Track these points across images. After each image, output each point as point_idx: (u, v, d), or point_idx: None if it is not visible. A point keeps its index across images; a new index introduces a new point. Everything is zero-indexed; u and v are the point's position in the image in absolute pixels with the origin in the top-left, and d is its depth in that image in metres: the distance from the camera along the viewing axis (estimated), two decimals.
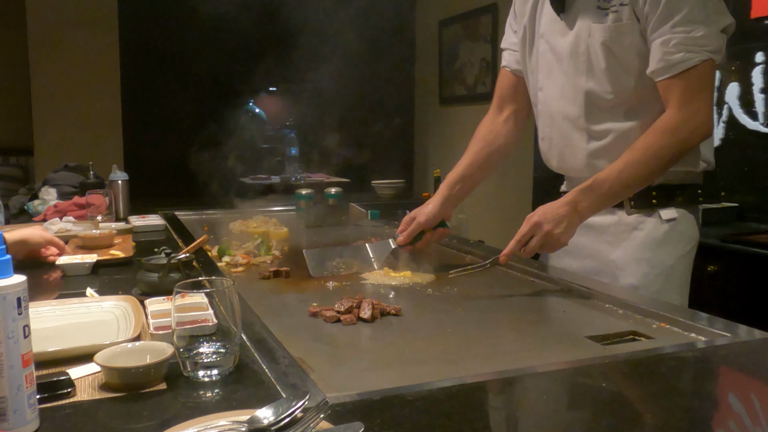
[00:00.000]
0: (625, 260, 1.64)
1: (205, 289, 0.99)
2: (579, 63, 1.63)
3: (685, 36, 1.46)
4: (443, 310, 1.42)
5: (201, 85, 4.83)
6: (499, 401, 0.93)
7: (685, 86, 1.49)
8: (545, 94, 1.75)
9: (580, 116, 1.66)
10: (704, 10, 1.47)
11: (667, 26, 1.48)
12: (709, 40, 1.47)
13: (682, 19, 1.46)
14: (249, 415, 0.74)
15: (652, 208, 1.63)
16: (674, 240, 1.63)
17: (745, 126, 2.89)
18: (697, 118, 1.50)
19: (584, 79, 1.63)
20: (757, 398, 0.94)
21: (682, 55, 1.47)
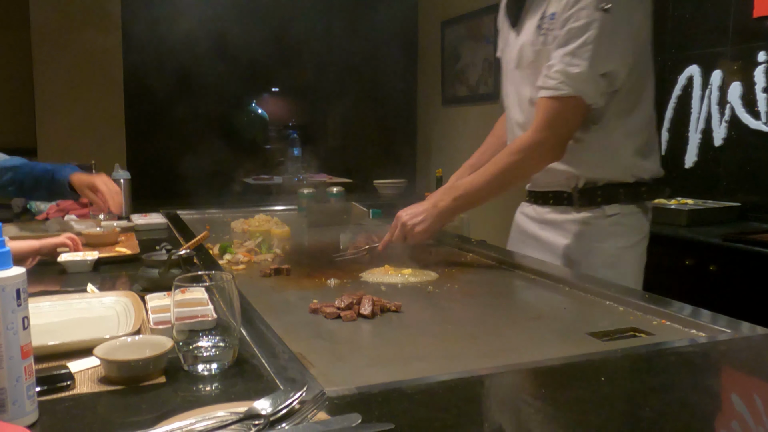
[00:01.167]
0: (576, 252, 1.80)
1: (204, 283, 0.99)
2: (525, 74, 1.80)
3: (564, 67, 1.62)
4: (444, 307, 1.43)
5: (204, 85, 4.83)
6: (498, 395, 0.93)
7: (546, 108, 1.67)
8: (506, 101, 1.94)
9: (526, 122, 1.80)
10: (592, 51, 1.60)
11: (558, 52, 1.64)
12: (582, 79, 1.61)
13: (569, 51, 1.62)
14: (247, 407, 0.74)
15: (598, 205, 1.78)
16: (618, 233, 1.78)
17: (748, 125, 2.89)
18: (547, 144, 1.68)
19: (528, 89, 1.79)
20: (757, 394, 0.94)
21: (555, 83, 1.64)
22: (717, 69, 3.02)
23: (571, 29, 1.62)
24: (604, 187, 1.78)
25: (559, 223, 1.85)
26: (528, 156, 1.70)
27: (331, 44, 5.09)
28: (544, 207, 1.89)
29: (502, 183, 1.74)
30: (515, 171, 1.73)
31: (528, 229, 1.96)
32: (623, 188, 1.78)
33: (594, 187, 1.78)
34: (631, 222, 1.79)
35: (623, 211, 1.77)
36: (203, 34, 4.73)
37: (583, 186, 1.79)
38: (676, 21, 3.24)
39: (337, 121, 5.34)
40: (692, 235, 2.61)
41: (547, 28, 1.69)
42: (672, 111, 3.25)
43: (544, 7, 1.72)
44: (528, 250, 1.92)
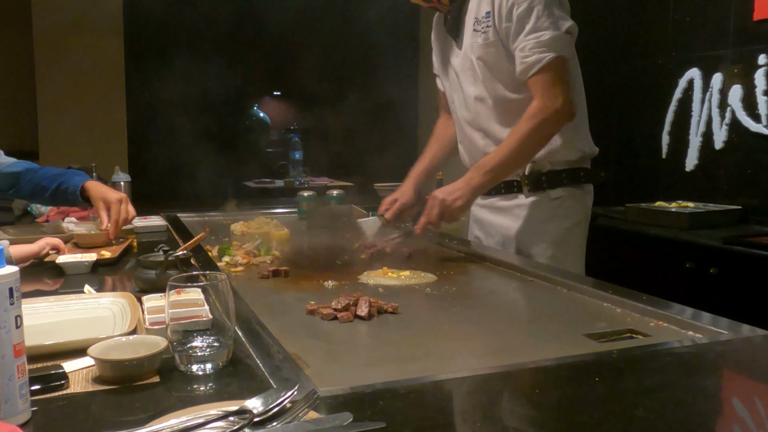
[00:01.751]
0: (523, 234, 1.98)
1: (198, 283, 0.99)
2: (468, 75, 1.99)
3: (536, 41, 1.79)
4: (441, 308, 1.42)
5: (206, 88, 4.84)
6: (492, 395, 0.93)
7: (542, 80, 1.80)
8: (454, 105, 2.12)
9: (474, 119, 2.02)
10: (548, 18, 1.79)
11: (521, 36, 1.81)
12: (555, 41, 1.78)
13: (531, 28, 1.79)
14: (238, 406, 0.74)
15: (544, 189, 1.95)
16: (562, 214, 1.96)
17: (748, 128, 2.89)
18: (554, 103, 1.79)
19: (472, 89, 1.99)
20: (755, 395, 0.93)
21: (535, 57, 1.79)
22: (717, 72, 3.02)
23: (519, 15, 1.80)
24: (548, 173, 1.95)
25: (508, 209, 2.02)
26: (544, 119, 1.80)
27: (332, 48, 5.10)
28: (496, 196, 2.06)
29: (526, 150, 1.85)
30: (535, 136, 1.83)
31: (482, 218, 2.13)
32: (565, 173, 1.96)
33: (539, 173, 1.95)
34: (573, 204, 1.97)
35: (566, 194, 1.95)
36: (204, 37, 4.74)
37: (530, 173, 1.95)
38: (677, 24, 3.24)
39: (338, 124, 5.35)
40: (693, 238, 2.61)
41: (485, 26, 1.89)
42: (673, 114, 3.25)
43: (475, 12, 1.93)
44: (483, 237, 2.14)
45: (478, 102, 1.99)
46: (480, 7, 1.91)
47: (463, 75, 2.01)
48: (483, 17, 1.90)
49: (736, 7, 2.94)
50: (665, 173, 3.29)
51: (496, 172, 1.86)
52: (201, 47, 4.80)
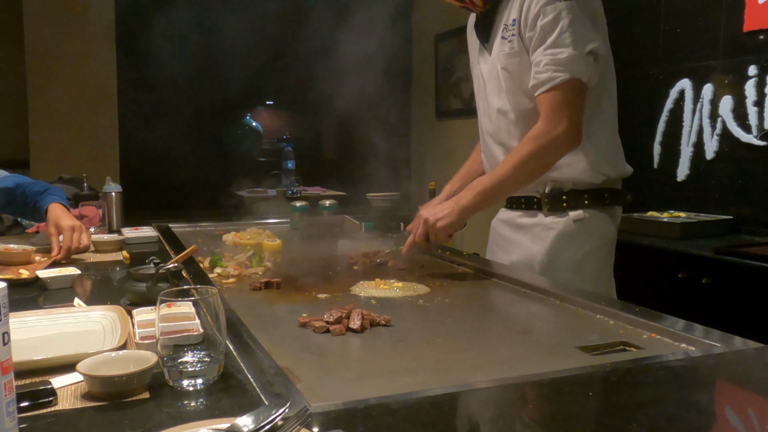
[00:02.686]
0: (541, 255, 1.85)
1: (188, 297, 0.98)
2: (493, 85, 1.90)
3: (552, 57, 1.69)
4: (433, 321, 1.42)
5: (198, 98, 4.84)
6: (486, 410, 0.92)
7: (550, 101, 1.71)
8: (479, 113, 2.03)
9: (496, 132, 1.92)
10: (572, 35, 1.68)
11: (540, 49, 1.71)
12: (572, 61, 1.68)
13: (551, 43, 1.69)
14: (229, 423, 0.73)
15: (564, 210, 1.84)
16: (582, 237, 1.83)
17: (739, 139, 2.90)
18: (557, 129, 1.70)
19: (496, 100, 1.89)
20: (748, 408, 0.93)
21: (548, 75, 1.69)
22: (708, 82, 3.04)
23: (543, 26, 1.70)
24: (569, 192, 1.84)
25: (528, 227, 1.92)
26: (544, 144, 1.72)
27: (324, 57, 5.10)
28: (517, 211, 1.96)
29: (523, 175, 1.77)
30: (534, 161, 1.74)
31: (502, 233, 2.03)
32: (588, 193, 1.84)
33: (560, 191, 1.84)
34: (594, 227, 1.84)
35: (587, 216, 1.82)
36: (197, 47, 4.74)
37: (550, 191, 1.85)
38: (668, 35, 3.26)
39: (331, 134, 5.35)
40: (685, 248, 2.62)
41: (511, 34, 1.79)
42: (664, 124, 3.26)
43: (504, 18, 1.82)
44: (501, 254, 2.01)
45: (501, 115, 1.88)
46: (510, 14, 1.80)
47: (489, 84, 1.92)
48: (510, 24, 1.79)
49: (726, 18, 2.96)
50: (657, 183, 3.30)
51: (487, 194, 1.78)
52: (194, 57, 4.80)
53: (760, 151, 2.83)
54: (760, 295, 2.30)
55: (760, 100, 2.81)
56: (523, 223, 1.93)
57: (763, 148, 2.81)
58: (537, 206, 1.89)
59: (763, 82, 2.80)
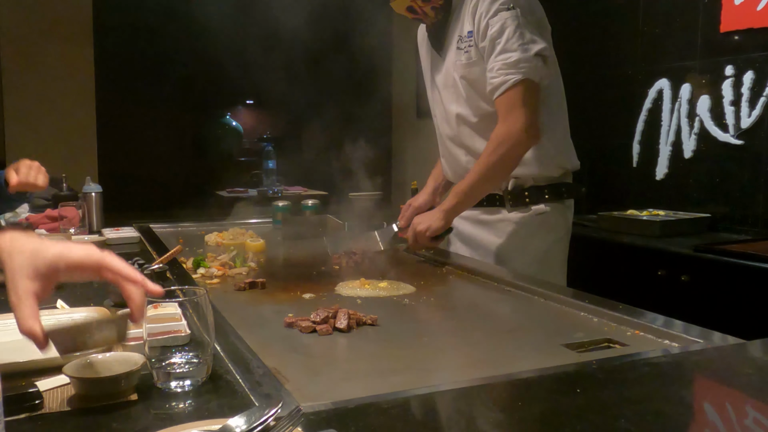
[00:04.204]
0: (508, 249, 1.98)
1: (176, 298, 0.98)
2: (450, 93, 2.00)
3: (503, 62, 1.80)
4: (420, 320, 1.42)
5: (177, 98, 4.80)
6: (474, 408, 0.93)
7: (505, 103, 1.82)
8: (436, 119, 2.14)
9: (456, 135, 2.03)
10: (518, 39, 1.79)
11: (491, 57, 1.83)
12: (522, 62, 1.79)
13: (501, 49, 1.81)
14: (221, 424, 0.73)
15: (527, 205, 1.97)
16: (546, 229, 1.98)
17: (716, 138, 2.94)
18: (516, 126, 1.81)
19: (454, 106, 2.00)
20: (729, 403, 0.95)
21: (501, 79, 1.81)
22: (686, 82, 3.08)
23: (491, 35, 1.81)
24: (530, 188, 1.97)
25: (491, 223, 2.03)
26: (507, 144, 1.82)
27: (305, 56, 5.09)
28: (478, 209, 2.04)
29: (493, 173, 1.88)
30: (501, 160, 1.85)
31: (464, 231, 2.13)
32: (548, 188, 1.98)
33: (521, 188, 1.97)
34: (555, 219, 1.99)
35: (549, 209, 1.97)
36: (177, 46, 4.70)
37: (513, 188, 1.97)
38: (646, 36, 3.29)
39: (312, 133, 5.33)
40: (664, 246, 2.65)
41: (468, 45, 1.90)
42: (643, 124, 3.30)
43: (458, 30, 1.94)
44: (464, 249, 2.13)
45: (461, 120, 1.99)
46: (463, 26, 1.92)
47: (445, 92, 2.03)
48: (466, 36, 1.90)
49: (703, 19, 3.01)
50: (636, 182, 3.34)
51: (466, 195, 1.90)
52: (173, 56, 4.76)
53: (737, 149, 2.87)
54: (738, 291, 2.34)
55: (737, 99, 2.85)
56: (485, 219, 2.05)
57: (739, 147, 2.86)
58: (500, 203, 2.01)
59: (739, 82, 2.84)
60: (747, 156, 2.84)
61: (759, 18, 2.75)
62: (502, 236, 2.00)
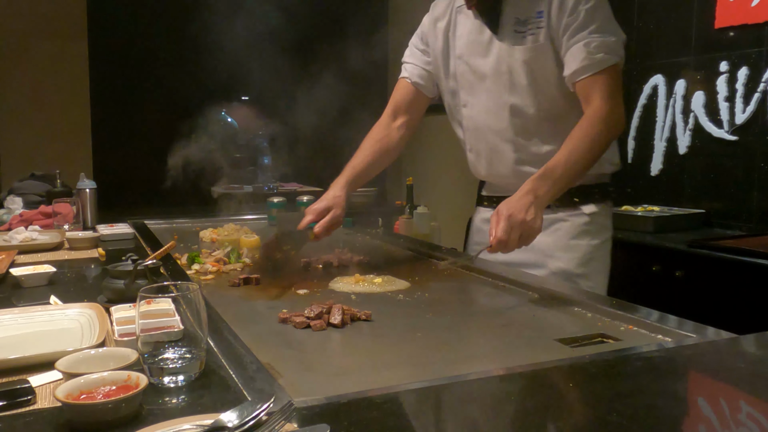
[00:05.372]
0: (554, 248, 1.84)
1: (169, 294, 0.97)
2: (502, 81, 1.82)
3: (603, 40, 1.69)
4: (414, 315, 1.42)
5: (172, 93, 4.79)
6: (467, 403, 0.93)
7: (607, 81, 1.69)
8: (470, 110, 1.93)
9: (507, 128, 1.85)
10: (612, 23, 1.72)
11: (585, 32, 1.69)
12: (618, 47, 1.71)
13: (597, 28, 1.69)
14: (213, 419, 0.73)
15: (575, 205, 1.85)
16: (593, 231, 1.86)
17: (711, 134, 2.95)
18: (618, 110, 1.71)
19: (507, 95, 1.82)
20: (722, 397, 0.95)
21: (602, 56, 1.68)
22: (681, 78, 3.08)
23: (588, 9, 1.69)
24: (578, 188, 1.81)
25: None
26: (607, 125, 1.69)
27: (301, 52, 5.09)
28: None
29: (595, 155, 1.70)
30: (603, 141, 1.70)
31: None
32: (597, 188, 1.87)
33: (569, 189, 1.74)
34: (602, 221, 1.88)
35: (597, 210, 1.86)
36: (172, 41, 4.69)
37: None
38: (641, 32, 3.30)
39: (307, 129, 5.32)
40: (658, 241, 2.66)
41: (536, 27, 1.74)
42: (638, 119, 3.30)
43: (514, 12, 1.77)
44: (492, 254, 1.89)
45: (515, 111, 1.82)
46: (527, 6, 1.76)
47: (494, 79, 1.83)
48: (534, 16, 1.74)
49: (698, 15, 3.01)
50: (631, 178, 3.34)
51: (564, 180, 1.66)
52: (167, 52, 4.74)
53: (731, 145, 2.88)
54: (732, 286, 2.35)
55: (731, 95, 2.86)
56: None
57: (734, 142, 2.86)
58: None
59: (734, 78, 2.85)
60: (741, 152, 2.85)
61: (753, 14, 2.76)
62: (547, 235, 1.80)
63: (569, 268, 1.81)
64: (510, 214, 1.54)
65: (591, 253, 1.85)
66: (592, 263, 1.85)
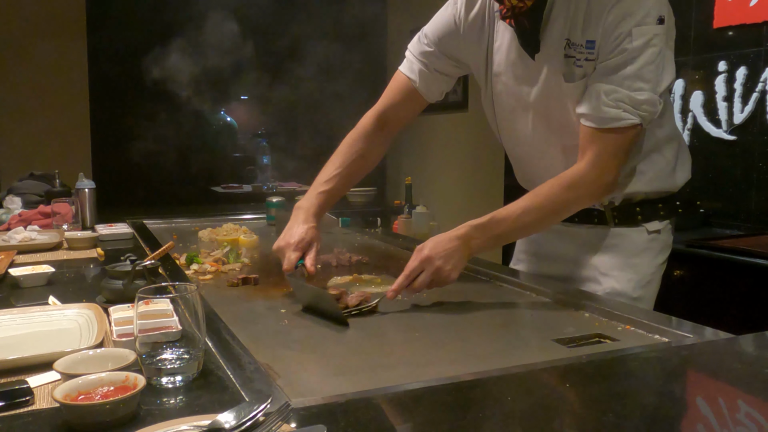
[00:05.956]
0: (610, 266, 1.63)
1: (167, 294, 0.98)
2: (549, 114, 1.57)
3: (628, 94, 1.41)
4: (412, 315, 1.43)
5: (171, 93, 4.79)
6: (465, 403, 0.93)
7: (605, 144, 1.45)
8: (509, 131, 1.69)
9: (558, 166, 1.57)
10: (655, 70, 1.41)
11: (616, 75, 1.41)
12: (647, 104, 1.42)
13: (632, 74, 1.40)
14: (210, 420, 0.73)
15: (637, 223, 1.63)
16: (656, 249, 1.64)
17: (709, 133, 2.95)
18: (604, 179, 1.47)
19: (557, 136, 1.58)
20: (720, 398, 0.95)
21: (617, 112, 1.41)
22: (679, 78, 3.08)
23: (632, 50, 1.39)
24: (641, 203, 1.62)
25: (587, 235, 1.67)
26: (584, 194, 1.49)
27: (299, 52, 5.09)
28: (566, 224, 1.68)
29: (549, 221, 1.55)
30: (566, 209, 1.53)
31: (538, 240, 1.78)
32: (662, 203, 1.65)
33: (630, 203, 1.62)
34: (665, 238, 1.67)
35: (661, 228, 1.65)
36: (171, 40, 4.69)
37: (620, 203, 1.62)
38: None
39: (307, 128, 5.33)
40: None
41: (585, 58, 1.45)
42: None
43: (562, 31, 1.47)
44: (543, 264, 1.77)
45: (568, 151, 1.57)
46: (578, 29, 1.45)
47: (542, 110, 1.58)
48: (585, 46, 1.45)
49: (696, 15, 3.01)
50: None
51: (503, 239, 1.54)
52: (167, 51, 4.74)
53: (729, 145, 2.88)
54: (730, 287, 2.35)
55: (730, 95, 2.86)
56: (578, 231, 1.68)
57: (732, 142, 2.87)
58: (598, 220, 1.64)
59: (732, 78, 2.85)
60: (740, 151, 2.85)
61: (752, 14, 2.76)
62: (602, 251, 1.64)
63: (626, 291, 1.60)
64: (428, 257, 1.43)
65: (650, 275, 1.63)
66: (649, 286, 1.63)
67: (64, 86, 4.57)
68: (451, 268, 1.44)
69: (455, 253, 1.44)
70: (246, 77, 5.16)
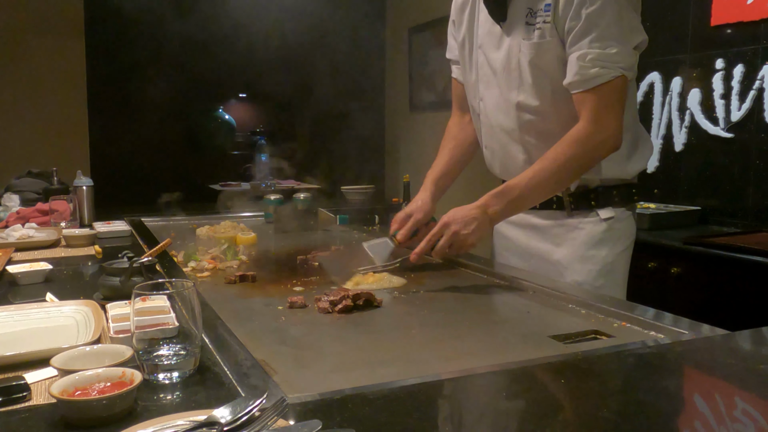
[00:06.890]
0: (569, 259, 1.73)
1: (164, 291, 0.98)
2: (511, 77, 1.70)
3: (600, 52, 1.53)
4: (409, 312, 1.43)
5: (169, 90, 4.78)
6: (460, 399, 0.94)
7: (597, 100, 1.55)
8: (485, 104, 1.81)
9: (515, 129, 1.74)
10: (619, 27, 1.53)
11: (585, 41, 1.54)
12: (622, 57, 1.54)
13: (598, 35, 1.53)
14: (206, 415, 0.73)
15: (591, 209, 1.72)
16: (613, 238, 1.72)
17: (707, 131, 2.96)
18: (605, 132, 1.57)
19: (515, 93, 1.70)
20: (716, 394, 0.96)
21: (596, 71, 1.53)
22: (677, 76, 3.09)
23: (589, 15, 1.52)
24: (596, 189, 1.72)
25: (546, 229, 1.78)
26: (590, 148, 1.58)
27: (298, 50, 5.08)
28: (528, 213, 1.80)
29: (561, 180, 1.62)
30: (577, 165, 1.60)
31: (510, 236, 1.89)
32: (616, 190, 1.73)
33: (586, 190, 1.71)
34: (623, 226, 1.74)
35: (617, 215, 1.72)
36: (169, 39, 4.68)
37: (575, 189, 1.72)
38: None
39: (305, 127, 5.33)
40: (654, 238, 2.66)
41: (543, 21, 1.59)
42: None
43: (527, 1, 1.62)
44: (515, 259, 1.87)
45: (522, 110, 1.70)
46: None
47: (504, 75, 1.71)
48: (543, 9, 1.59)
49: (694, 13, 3.01)
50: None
51: (522, 202, 1.62)
52: (165, 49, 4.74)
53: (727, 143, 2.89)
54: (727, 284, 2.36)
55: (727, 93, 2.87)
56: (540, 224, 1.79)
57: (729, 140, 2.87)
58: (557, 206, 1.74)
59: (729, 76, 2.85)
60: (737, 149, 2.85)
61: (749, 11, 2.76)
62: (561, 244, 1.74)
63: (587, 281, 1.70)
64: (446, 222, 1.58)
65: (610, 264, 1.71)
66: (611, 275, 1.72)
67: (62, 84, 4.56)
68: (468, 233, 1.57)
69: (473, 221, 1.57)
70: (245, 75, 5.16)
